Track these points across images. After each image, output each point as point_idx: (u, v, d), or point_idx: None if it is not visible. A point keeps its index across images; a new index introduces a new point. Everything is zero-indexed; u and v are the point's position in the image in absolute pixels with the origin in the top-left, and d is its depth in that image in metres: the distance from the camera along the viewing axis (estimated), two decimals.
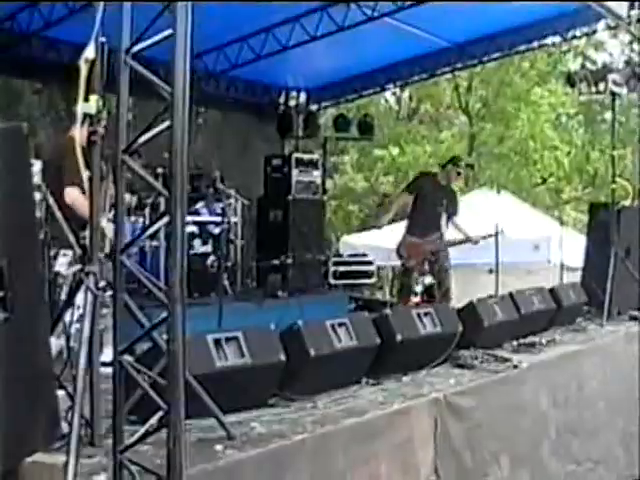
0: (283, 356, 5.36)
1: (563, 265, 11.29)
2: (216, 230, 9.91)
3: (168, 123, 3.70)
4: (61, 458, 3.53)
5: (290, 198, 11.66)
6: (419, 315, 6.82)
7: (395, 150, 21.61)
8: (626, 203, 10.13)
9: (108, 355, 4.00)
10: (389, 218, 10.10)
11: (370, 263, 12.72)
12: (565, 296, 8.79)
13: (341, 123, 14.08)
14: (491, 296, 8.22)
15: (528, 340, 7.77)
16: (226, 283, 9.85)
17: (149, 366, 4.03)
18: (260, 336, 5.42)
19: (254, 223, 11.95)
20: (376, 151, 22.07)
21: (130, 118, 4.12)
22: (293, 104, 14.56)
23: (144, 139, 3.82)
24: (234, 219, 10.50)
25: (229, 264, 10.19)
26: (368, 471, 4.95)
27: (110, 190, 6.36)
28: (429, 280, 9.83)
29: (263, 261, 11.29)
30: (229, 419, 4.51)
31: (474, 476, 5.97)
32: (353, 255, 13.13)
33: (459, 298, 9.15)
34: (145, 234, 4.19)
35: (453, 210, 10.16)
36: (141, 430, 3.69)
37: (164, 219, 3.73)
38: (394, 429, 5.25)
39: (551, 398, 7.07)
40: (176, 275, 3.54)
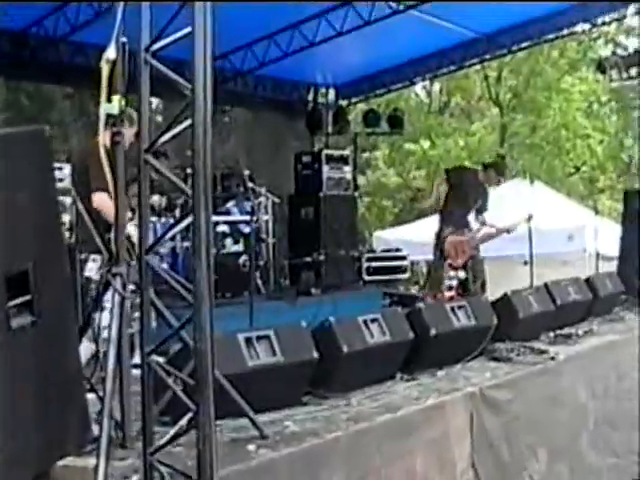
0: (315, 353, 5.32)
1: (599, 254, 11.14)
2: (247, 229, 9.86)
3: (190, 121, 3.67)
4: (92, 461, 3.52)
5: (321, 195, 11.60)
6: (453, 309, 6.77)
7: (426, 143, 21.47)
8: None
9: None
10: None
11: (404, 258, 12.61)
12: (601, 286, 8.68)
13: (371, 118, 13.99)
14: (526, 288, 8.12)
15: (565, 331, 7.68)
16: (259, 282, 9.84)
17: (180, 367, 4.01)
18: (292, 334, 5.39)
19: (286, 221, 11.89)
20: (407, 145, 21.93)
21: (160, 120, 4.10)
22: (322, 101, 14.51)
23: (166, 138, 3.80)
24: (265, 217, 10.47)
25: (261, 263, 10.16)
26: (404, 467, 4.90)
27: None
28: (463, 274, 9.74)
29: (295, 259, 11.25)
30: (262, 418, 4.48)
31: (512, 470, 5.89)
32: (386, 250, 13.04)
33: (494, 291, 9.05)
34: (169, 234, 4.15)
35: (483, 207, 10.10)
36: (171, 431, 3.67)
37: (188, 218, 3.69)
38: (429, 424, 5.19)
39: (589, 390, 6.97)
40: (202, 274, 3.51)
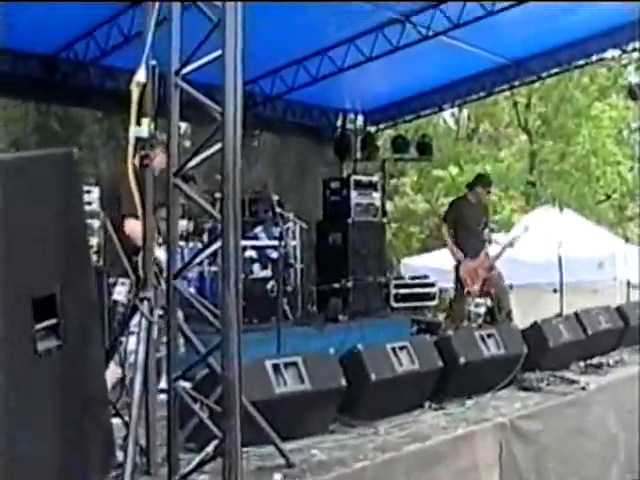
0: (343, 381, 5.28)
1: (629, 283, 11.01)
2: (275, 254, 9.83)
3: (220, 145, 3.65)
4: None
5: (349, 221, 11.56)
6: (482, 337, 6.69)
7: (455, 170, 21.41)
8: None
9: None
10: (455, 249, 10.03)
11: (432, 285, 12.53)
12: (632, 314, 8.55)
13: (399, 144, 13.96)
14: (556, 316, 8.03)
15: (595, 361, 7.56)
16: (286, 308, 9.79)
17: (207, 393, 3.97)
18: (320, 361, 5.35)
19: (314, 247, 11.86)
20: (435, 172, 21.90)
21: (188, 145, 4.09)
22: (351, 127, 14.51)
23: (195, 162, 3.78)
24: (293, 243, 10.45)
25: (289, 288, 10.13)
26: None
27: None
28: (489, 303, 9.70)
29: (323, 285, 11.19)
30: (288, 446, 4.43)
31: None
32: (414, 277, 12.95)
33: (523, 319, 8.96)
34: (197, 259, 4.12)
35: (487, 225, 10.35)
36: (197, 458, 3.62)
37: (217, 243, 3.66)
38: (458, 454, 5.12)
39: (620, 420, 6.84)
40: (230, 300, 3.47)
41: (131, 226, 6.01)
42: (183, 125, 11.34)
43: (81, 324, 3.68)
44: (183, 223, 9.17)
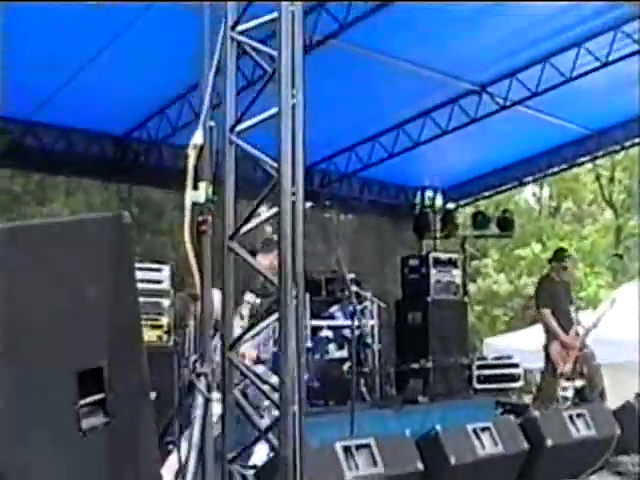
0: (420, 465, 4.93)
1: None
2: (351, 335, 9.53)
3: (276, 209, 3.40)
4: None
5: (429, 299, 11.21)
6: (571, 417, 6.25)
7: (537, 247, 20.88)
8: None
9: None
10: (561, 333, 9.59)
11: (516, 365, 12.00)
12: None
13: (480, 220, 13.58)
14: None
15: None
16: (363, 389, 9.42)
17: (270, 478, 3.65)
18: (394, 443, 5.01)
19: (392, 327, 11.52)
20: (517, 251, 21.41)
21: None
22: (429, 204, 14.21)
23: (252, 225, 3.53)
24: (371, 322, 10.09)
25: (366, 369, 9.75)
26: None
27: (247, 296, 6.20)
28: (580, 382, 9.19)
29: (402, 366, 10.79)
30: None
31: None
32: (498, 358, 12.42)
33: (615, 400, 8.40)
34: (252, 331, 3.82)
35: (572, 301, 10.11)
36: None
37: (274, 315, 3.38)
38: None
39: None
40: (288, 373, 3.17)
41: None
42: None
43: (131, 402, 3.41)
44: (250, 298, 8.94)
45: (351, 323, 9.07)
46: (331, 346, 9.39)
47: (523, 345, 13.20)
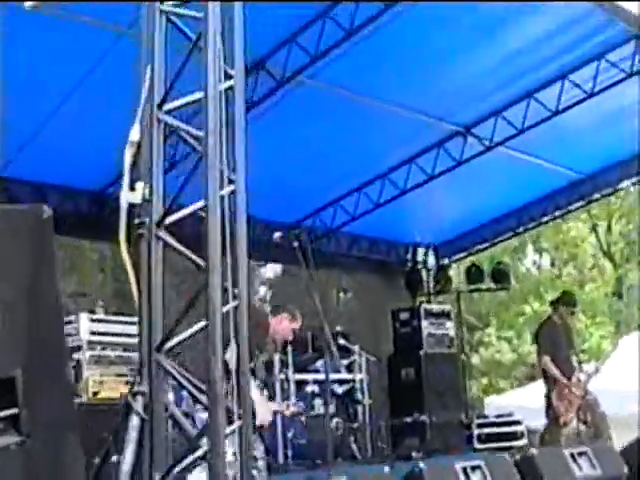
0: None
1: None
2: (340, 389, 9.02)
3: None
4: None
5: (422, 353, 10.70)
6: (573, 455, 5.70)
7: (536, 304, 20.39)
8: None
9: None
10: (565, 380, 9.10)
11: (519, 423, 11.37)
12: None
13: (474, 274, 13.05)
14: None
15: None
16: (353, 446, 8.84)
17: None
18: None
19: (385, 382, 10.99)
20: (516, 308, 20.91)
21: None
22: (422, 259, 13.77)
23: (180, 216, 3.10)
24: (359, 376, 9.53)
25: (356, 425, 9.18)
26: None
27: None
28: (583, 427, 8.70)
29: (395, 421, 10.22)
30: None
31: None
32: (499, 416, 11.82)
33: None
34: (185, 334, 3.35)
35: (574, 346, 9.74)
36: None
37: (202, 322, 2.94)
38: None
39: None
40: (216, 373, 2.70)
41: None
42: None
43: (51, 420, 2.94)
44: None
45: (343, 378, 8.71)
46: (317, 401, 8.82)
47: (526, 402, 12.66)
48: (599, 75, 8.89)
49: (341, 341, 9.39)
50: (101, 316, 8.04)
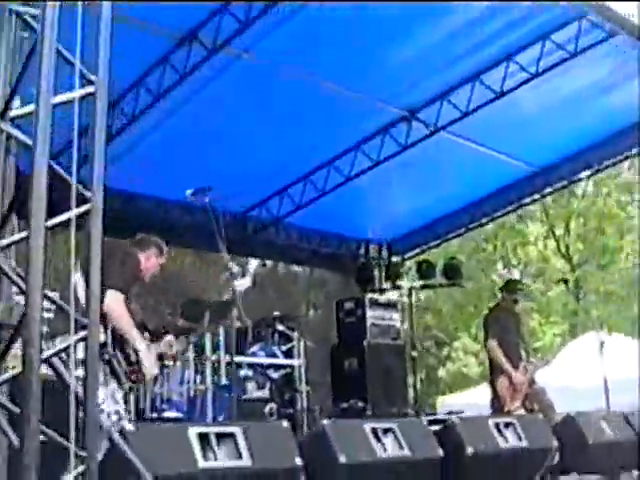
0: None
1: None
2: (275, 374, 8.72)
3: None
4: None
5: (365, 343, 10.42)
6: (497, 425, 5.42)
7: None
8: None
9: None
10: (509, 367, 8.83)
11: None
12: None
13: (425, 270, 12.78)
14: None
15: None
16: None
17: None
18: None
19: (326, 371, 10.68)
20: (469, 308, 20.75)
21: None
22: (374, 254, 13.53)
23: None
24: (296, 362, 9.24)
25: (290, 411, 8.87)
26: None
27: None
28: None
29: (334, 408, 9.92)
30: None
31: None
32: (450, 412, 11.56)
33: None
34: None
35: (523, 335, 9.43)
36: None
37: None
38: None
39: None
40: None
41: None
42: None
43: None
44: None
45: (278, 363, 8.45)
46: (250, 385, 8.52)
47: (479, 400, 12.42)
48: (543, 57, 8.68)
49: (279, 327, 9.12)
50: None
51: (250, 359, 8.68)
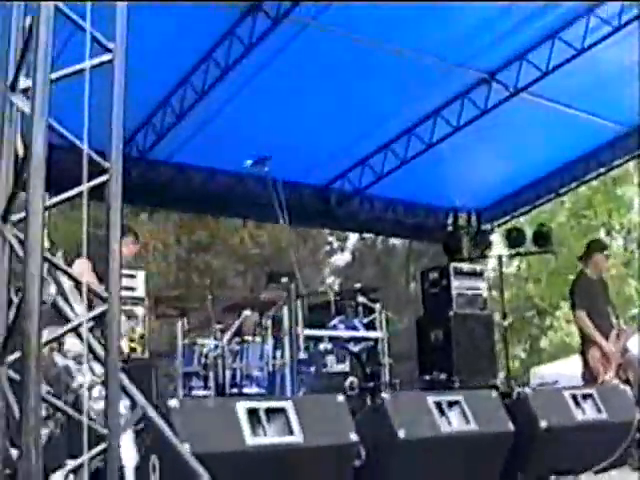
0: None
1: None
2: (356, 348, 8.57)
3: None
4: None
5: (451, 314, 10.18)
6: (575, 397, 5.17)
7: None
8: None
9: None
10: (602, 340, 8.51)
11: None
12: None
13: (514, 238, 12.44)
14: None
15: None
16: None
17: None
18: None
19: (409, 343, 10.50)
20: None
21: None
22: (462, 224, 13.23)
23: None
24: (379, 335, 9.07)
25: (371, 385, 8.72)
26: None
27: None
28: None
29: (417, 381, 9.75)
30: None
31: None
32: (542, 384, 11.27)
33: None
34: None
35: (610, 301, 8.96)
36: None
37: None
38: None
39: None
40: None
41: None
42: None
43: None
44: None
45: (360, 336, 8.30)
46: (329, 359, 8.39)
47: (570, 371, 12.05)
48: (624, 12, 8.25)
49: (360, 299, 8.96)
50: None
51: (330, 332, 8.56)
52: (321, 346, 8.35)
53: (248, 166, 6.68)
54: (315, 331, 8.31)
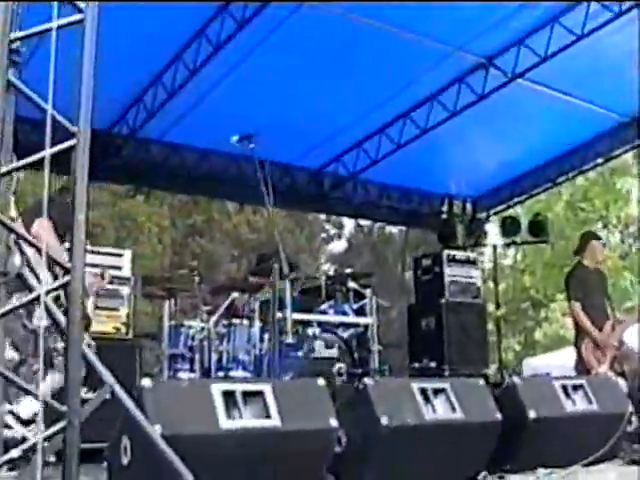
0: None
1: None
2: (345, 333, 8.44)
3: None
4: None
5: (443, 302, 10.03)
6: (565, 387, 5.03)
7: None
8: None
9: None
10: (596, 332, 8.37)
11: None
12: None
13: (509, 226, 12.28)
14: None
15: None
16: None
17: None
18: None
19: (399, 330, 10.38)
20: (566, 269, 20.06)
21: None
22: (457, 213, 13.05)
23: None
24: (369, 321, 8.93)
25: (360, 371, 8.58)
26: None
27: None
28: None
29: (407, 369, 9.62)
30: None
31: None
32: (534, 376, 11.14)
33: None
34: None
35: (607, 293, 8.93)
36: None
37: None
38: None
39: None
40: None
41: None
42: None
43: None
44: None
45: (349, 321, 8.18)
46: (317, 344, 8.25)
47: (562, 362, 11.94)
48: None
49: (351, 284, 8.81)
50: None
51: (319, 317, 8.42)
52: (309, 331, 8.22)
53: (235, 142, 6.51)
54: (303, 315, 8.18)
